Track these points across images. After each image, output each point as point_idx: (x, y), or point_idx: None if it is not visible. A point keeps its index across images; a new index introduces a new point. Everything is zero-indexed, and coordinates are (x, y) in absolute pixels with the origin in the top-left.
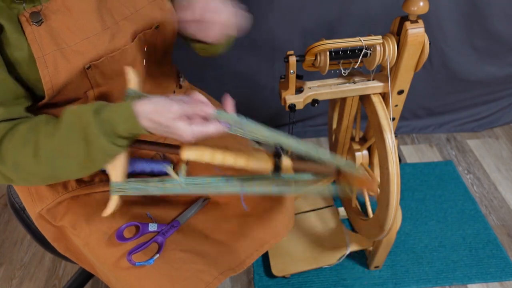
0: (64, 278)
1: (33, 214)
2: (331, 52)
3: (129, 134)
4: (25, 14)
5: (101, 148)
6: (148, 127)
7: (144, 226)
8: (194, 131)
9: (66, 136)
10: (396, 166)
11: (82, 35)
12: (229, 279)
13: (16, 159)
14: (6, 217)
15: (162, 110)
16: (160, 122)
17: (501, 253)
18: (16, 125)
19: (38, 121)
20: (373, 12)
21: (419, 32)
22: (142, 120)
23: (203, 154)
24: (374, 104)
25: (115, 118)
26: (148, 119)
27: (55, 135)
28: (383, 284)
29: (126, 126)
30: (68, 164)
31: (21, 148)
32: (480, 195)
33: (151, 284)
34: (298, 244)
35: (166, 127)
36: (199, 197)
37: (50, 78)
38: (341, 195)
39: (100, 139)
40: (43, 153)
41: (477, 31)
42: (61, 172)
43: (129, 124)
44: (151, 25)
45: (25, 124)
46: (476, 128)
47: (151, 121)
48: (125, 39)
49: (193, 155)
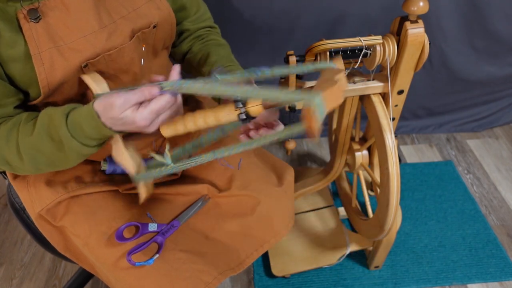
0: (64, 278)
1: (33, 214)
2: (331, 52)
3: (98, 134)
4: (23, 11)
5: (73, 149)
6: (108, 125)
7: (144, 226)
8: (144, 113)
9: (40, 136)
10: (396, 166)
11: (79, 33)
12: (229, 279)
13: (3, 155)
14: (6, 217)
15: (109, 104)
16: (113, 116)
17: (501, 253)
18: (1, 124)
19: (19, 120)
20: (373, 12)
21: (419, 32)
22: (102, 118)
23: (177, 126)
24: (374, 104)
25: (81, 120)
26: (106, 117)
27: (32, 134)
28: (383, 284)
29: (91, 126)
30: (48, 161)
31: (5, 145)
32: (480, 195)
33: (150, 284)
34: (298, 244)
35: (120, 119)
36: (199, 197)
37: (46, 76)
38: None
39: (71, 140)
40: (23, 151)
41: (477, 31)
42: (44, 167)
43: (93, 124)
44: (149, 24)
45: (8, 123)
46: (476, 128)
47: (108, 118)
48: (122, 38)
49: (170, 131)
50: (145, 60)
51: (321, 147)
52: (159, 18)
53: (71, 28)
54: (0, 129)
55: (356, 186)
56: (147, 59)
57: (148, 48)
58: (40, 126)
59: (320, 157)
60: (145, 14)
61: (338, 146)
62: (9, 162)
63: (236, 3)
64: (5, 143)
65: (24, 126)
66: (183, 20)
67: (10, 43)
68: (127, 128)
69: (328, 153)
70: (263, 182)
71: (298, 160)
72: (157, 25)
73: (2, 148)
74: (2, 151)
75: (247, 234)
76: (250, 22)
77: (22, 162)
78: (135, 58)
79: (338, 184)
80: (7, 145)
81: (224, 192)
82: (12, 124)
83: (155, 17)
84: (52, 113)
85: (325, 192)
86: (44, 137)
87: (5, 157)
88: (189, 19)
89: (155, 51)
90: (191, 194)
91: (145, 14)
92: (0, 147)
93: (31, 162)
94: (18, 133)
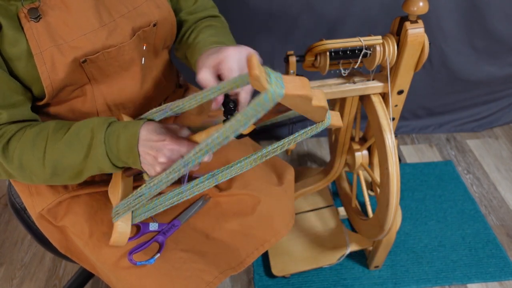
0: (64, 278)
1: (33, 214)
2: (331, 52)
3: (126, 152)
4: (24, 10)
5: (96, 158)
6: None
7: (145, 226)
8: (174, 147)
9: (71, 138)
10: (396, 166)
11: (79, 31)
12: (229, 279)
13: (23, 160)
14: (7, 217)
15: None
16: (151, 139)
17: (501, 253)
18: (25, 127)
19: (47, 127)
20: (373, 12)
21: (419, 32)
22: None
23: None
24: (374, 104)
25: (120, 132)
26: (145, 138)
27: (61, 139)
28: (383, 284)
29: (127, 142)
30: (65, 171)
31: (29, 151)
32: (479, 195)
33: (152, 283)
34: (298, 244)
35: (154, 142)
36: (199, 196)
37: (48, 74)
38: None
39: (100, 145)
40: (48, 157)
41: (477, 31)
42: (57, 178)
43: (130, 141)
44: (149, 23)
45: (34, 128)
46: (476, 128)
47: (145, 140)
48: (122, 36)
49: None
50: (146, 59)
51: (321, 147)
52: (159, 17)
53: (71, 26)
54: (26, 132)
55: (356, 186)
56: (148, 58)
57: (149, 48)
58: (75, 129)
59: (320, 157)
60: (145, 12)
61: (338, 146)
62: (27, 167)
63: (236, 3)
64: (30, 147)
65: (55, 133)
66: (180, 11)
67: (13, 41)
68: (145, 153)
69: (328, 153)
70: (263, 181)
71: (298, 160)
72: (157, 23)
73: (26, 152)
74: (25, 155)
75: (247, 234)
76: (250, 22)
77: (43, 169)
78: (136, 57)
79: (338, 184)
80: (32, 150)
81: (224, 191)
82: (40, 129)
83: (155, 15)
84: (94, 118)
85: (325, 192)
86: (74, 140)
87: (23, 162)
88: (187, 10)
89: (156, 51)
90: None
91: (145, 12)
92: (24, 151)
93: (51, 169)
94: (47, 139)
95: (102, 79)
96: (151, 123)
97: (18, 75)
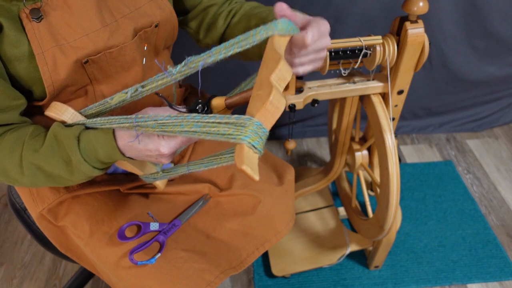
0: (64, 278)
1: (34, 214)
2: (331, 52)
3: (111, 159)
4: (25, 11)
5: (82, 171)
6: (128, 154)
7: (146, 226)
8: (172, 144)
9: (47, 156)
10: (396, 166)
11: (81, 31)
12: (229, 279)
13: (4, 166)
14: (7, 217)
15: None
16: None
17: (501, 253)
18: (6, 132)
19: (25, 133)
20: (373, 12)
21: (419, 32)
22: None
23: None
24: (374, 104)
25: (97, 146)
26: (131, 147)
27: (38, 151)
28: (383, 284)
29: (106, 154)
30: (48, 178)
31: (7, 156)
32: (479, 195)
33: (152, 283)
34: (298, 243)
35: (147, 150)
36: (200, 196)
37: (49, 75)
38: None
39: (83, 164)
40: (26, 165)
41: (477, 31)
42: (42, 183)
43: (109, 152)
44: (151, 23)
45: (13, 133)
46: (475, 128)
47: (134, 149)
48: (124, 37)
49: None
50: (147, 59)
51: (321, 147)
52: (161, 18)
53: (73, 27)
54: (5, 139)
55: (356, 186)
56: (149, 58)
57: (149, 48)
58: (48, 144)
59: (320, 157)
60: (147, 13)
61: (338, 146)
62: (8, 173)
63: None
64: (8, 153)
65: (30, 140)
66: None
67: (14, 42)
68: (145, 156)
69: (328, 153)
70: (263, 181)
71: (298, 160)
72: (159, 24)
73: (4, 158)
74: (4, 161)
75: (248, 233)
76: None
77: (22, 176)
78: (137, 57)
79: (338, 184)
80: (10, 156)
81: (225, 191)
82: (18, 135)
83: (157, 16)
84: (60, 135)
85: (325, 192)
86: (53, 157)
87: (5, 167)
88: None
89: (157, 51)
90: (192, 193)
91: (147, 13)
92: (2, 157)
93: (31, 177)
94: (23, 147)
95: (103, 79)
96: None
97: (19, 76)
